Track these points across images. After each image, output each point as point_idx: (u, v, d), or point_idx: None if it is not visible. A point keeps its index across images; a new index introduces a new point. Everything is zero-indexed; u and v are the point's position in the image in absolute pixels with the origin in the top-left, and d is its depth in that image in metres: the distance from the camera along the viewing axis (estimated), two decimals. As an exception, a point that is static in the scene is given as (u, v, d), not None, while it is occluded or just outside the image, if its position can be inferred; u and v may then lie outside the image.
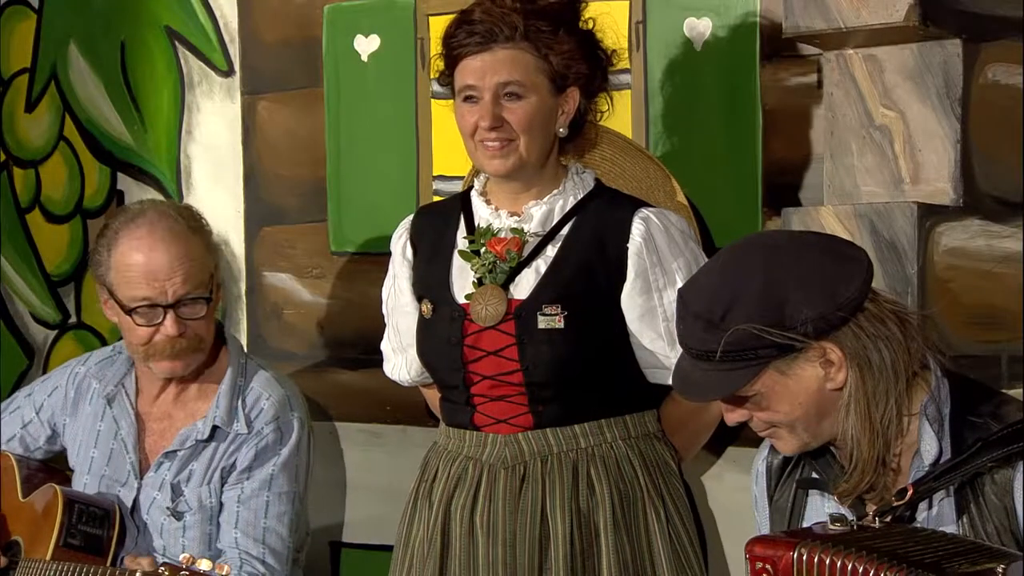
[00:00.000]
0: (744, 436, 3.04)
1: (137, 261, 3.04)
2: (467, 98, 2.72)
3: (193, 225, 3.11)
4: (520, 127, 2.69)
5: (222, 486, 3.10)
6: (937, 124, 2.76)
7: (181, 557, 2.62)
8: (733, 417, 2.27)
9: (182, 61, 3.84)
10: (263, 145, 3.73)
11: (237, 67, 3.75)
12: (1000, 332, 2.73)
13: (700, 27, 3.08)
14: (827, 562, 2.03)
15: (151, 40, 3.88)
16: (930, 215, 2.74)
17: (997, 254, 2.74)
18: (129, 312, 3.06)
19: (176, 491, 3.10)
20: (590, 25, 2.76)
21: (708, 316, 2.18)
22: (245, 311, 3.77)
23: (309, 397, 3.64)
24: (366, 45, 3.55)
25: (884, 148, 2.81)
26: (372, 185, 3.54)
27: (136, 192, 3.94)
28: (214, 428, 3.10)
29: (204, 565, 2.56)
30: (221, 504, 3.10)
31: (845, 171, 2.85)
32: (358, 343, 3.05)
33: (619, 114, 3.13)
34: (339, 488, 3.63)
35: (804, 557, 2.05)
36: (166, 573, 2.58)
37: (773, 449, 2.41)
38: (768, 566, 2.08)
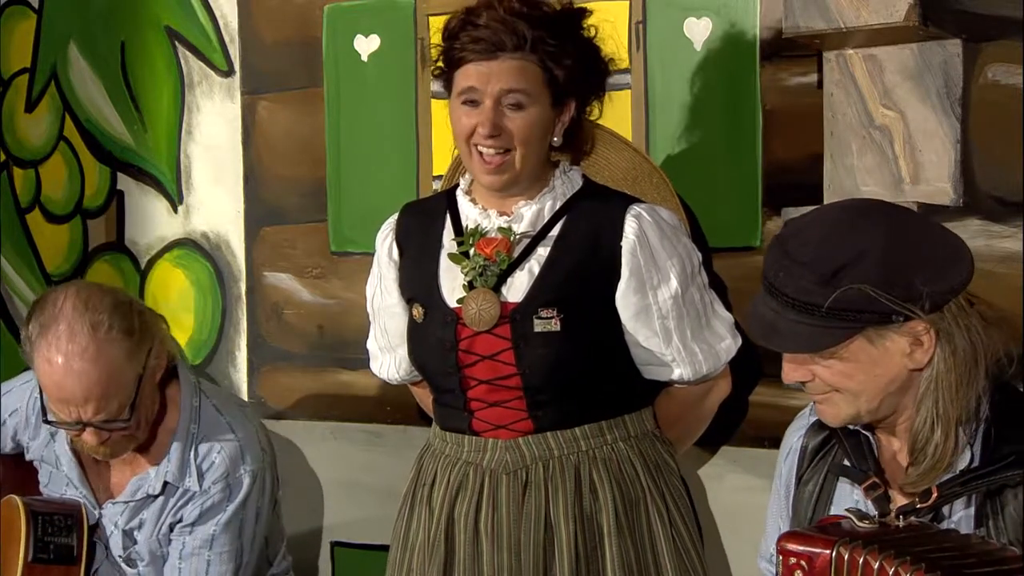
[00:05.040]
0: (744, 436, 3.04)
1: (48, 384, 2.90)
2: (467, 101, 2.67)
3: (113, 335, 2.88)
4: (519, 138, 2.65)
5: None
6: (937, 124, 2.76)
7: None
8: (794, 376, 2.20)
9: (182, 61, 3.84)
10: (263, 145, 3.73)
11: (237, 67, 3.75)
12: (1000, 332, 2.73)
13: (700, 27, 3.07)
14: (875, 565, 1.97)
15: (151, 40, 3.88)
16: (930, 215, 2.74)
17: (997, 254, 2.74)
18: (48, 422, 2.98)
19: (128, 537, 3.06)
20: (592, 33, 2.72)
21: (820, 268, 2.10)
22: (245, 311, 3.77)
23: (309, 397, 3.65)
24: (366, 45, 3.55)
25: (884, 148, 2.81)
26: (372, 185, 3.54)
27: (136, 192, 3.94)
28: (165, 483, 3.03)
29: None
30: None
31: (845, 171, 2.84)
32: (358, 343, 3.04)
33: (619, 114, 3.13)
34: (340, 488, 3.63)
35: (846, 557, 2.00)
36: None
37: (811, 430, 2.37)
38: (803, 562, 2.02)
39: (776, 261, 2.17)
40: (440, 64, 2.74)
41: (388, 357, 2.94)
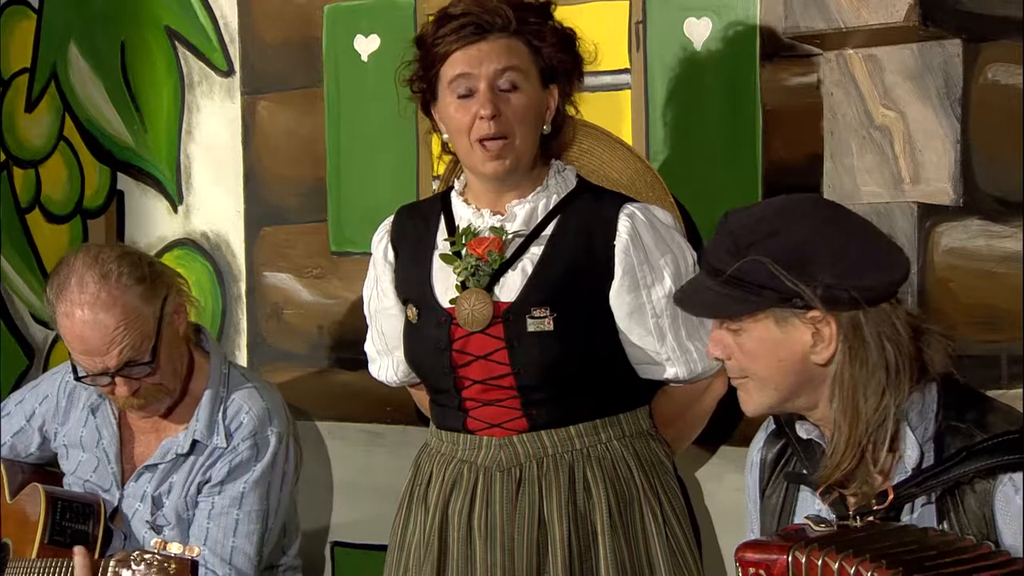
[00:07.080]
0: (744, 436, 3.04)
1: (71, 338, 3.00)
2: (460, 94, 2.67)
3: (124, 281, 2.99)
4: (517, 119, 2.66)
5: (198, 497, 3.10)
6: (937, 124, 2.76)
7: (153, 542, 2.63)
8: (714, 351, 2.27)
9: (182, 61, 3.84)
10: (263, 145, 3.73)
11: (237, 67, 3.75)
12: (1000, 332, 2.73)
13: (700, 27, 3.08)
14: (835, 566, 2.00)
15: (151, 40, 3.88)
16: (930, 215, 2.74)
17: (997, 254, 2.74)
18: (79, 379, 3.06)
19: (157, 503, 3.10)
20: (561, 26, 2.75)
21: (737, 238, 2.18)
22: (245, 311, 3.77)
23: (309, 397, 3.65)
24: (366, 45, 3.55)
25: (884, 148, 2.81)
26: (372, 185, 3.54)
27: (136, 192, 3.94)
28: (194, 442, 3.09)
29: (175, 548, 2.57)
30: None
31: (845, 171, 2.85)
32: (358, 343, 3.05)
33: (619, 114, 3.14)
34: (340, 488, 3.63)
35: (803, 560, 2.03)
36: (138, 557, 2.59)
37: (768, 441, 2.41)
38: (762, 571, 2.06)
39: (716, 230, 2.26)
40: (419, 83, 2.73)
41: (386, 360, 2.94)
